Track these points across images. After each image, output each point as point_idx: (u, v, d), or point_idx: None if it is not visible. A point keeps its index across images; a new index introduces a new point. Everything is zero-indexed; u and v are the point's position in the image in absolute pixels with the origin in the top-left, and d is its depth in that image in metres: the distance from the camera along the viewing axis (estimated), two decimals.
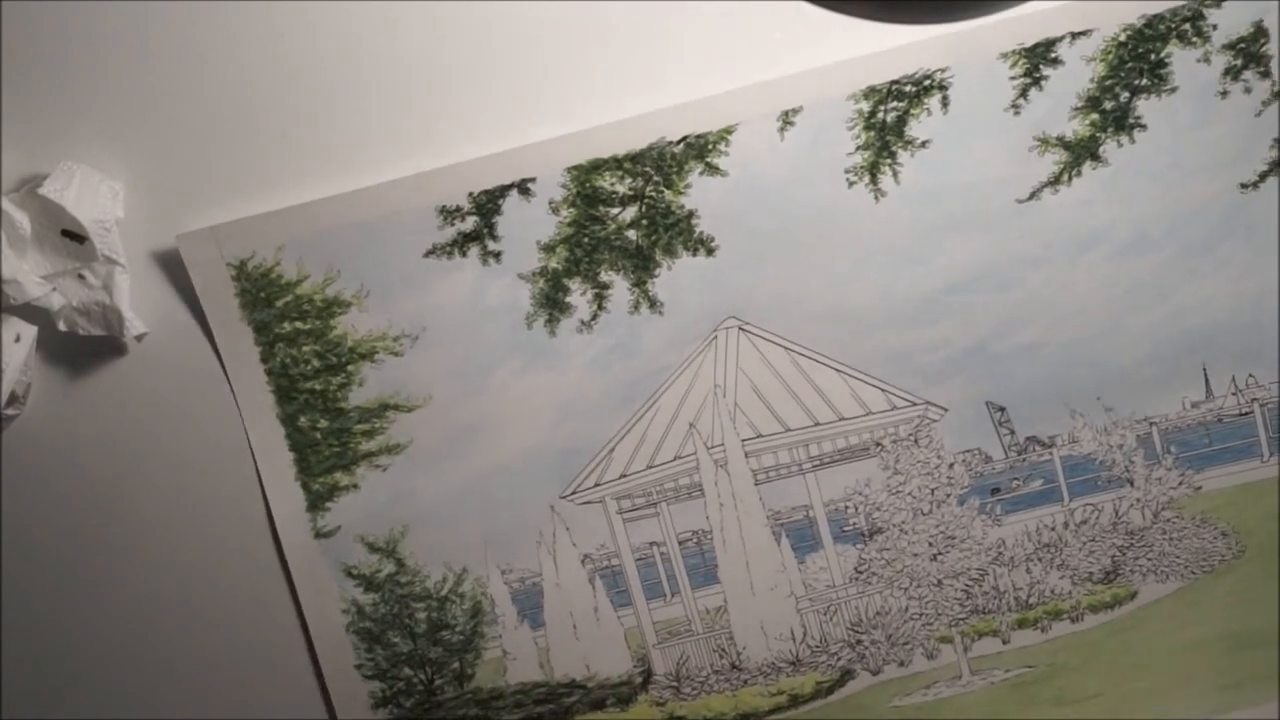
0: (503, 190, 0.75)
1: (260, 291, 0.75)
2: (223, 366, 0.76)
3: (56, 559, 0.79)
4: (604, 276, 0.76)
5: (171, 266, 0.75)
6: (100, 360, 0.76)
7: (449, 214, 0.75)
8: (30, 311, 0.72)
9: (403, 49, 0.73)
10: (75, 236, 0.72)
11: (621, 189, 0.75)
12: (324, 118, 0.74)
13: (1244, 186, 0.77)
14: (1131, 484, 0.81)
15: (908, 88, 0.74)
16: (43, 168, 0.73)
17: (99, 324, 0.73)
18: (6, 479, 0.77)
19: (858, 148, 0.75)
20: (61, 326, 0.73)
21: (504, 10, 0.72)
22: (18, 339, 0.73)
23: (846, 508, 0.81)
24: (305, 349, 0.76)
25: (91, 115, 0.73)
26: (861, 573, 0.82)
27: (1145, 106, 0.75)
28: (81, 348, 0.76)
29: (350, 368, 0.77)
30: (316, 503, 0.79)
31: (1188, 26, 0.74)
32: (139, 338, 0.75)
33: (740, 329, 0.78)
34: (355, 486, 0.79)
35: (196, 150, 0.74)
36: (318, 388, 0.77)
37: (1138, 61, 0.74)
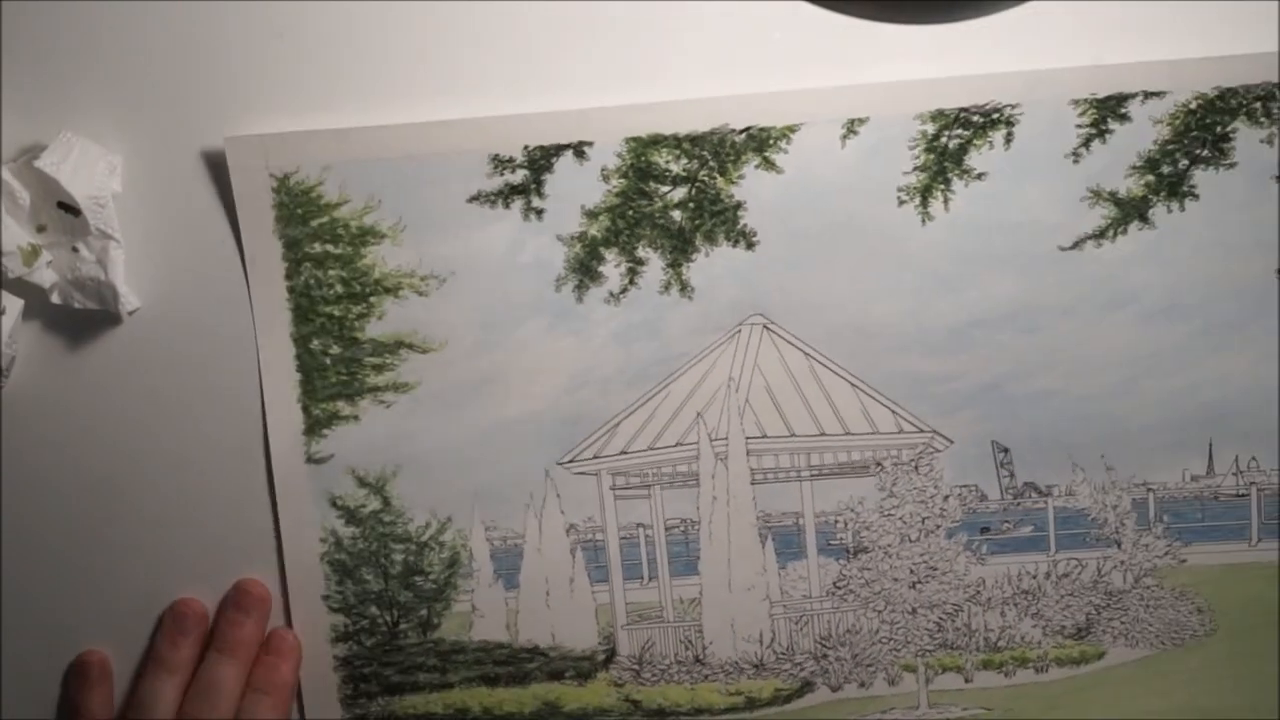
0: (558, 149, 0.74)
1: (298, 208, 0.75)
2: (246, 277, 0.76)
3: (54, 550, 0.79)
4: (641, 252, 0.76)
5: (170, 243, 0.75)
6: (94, 338, 0.76)
7: (501, 163, 0.74)
8: (22, 284, 0.72)
9: None
10: (70, 209, 0.72)
11: (675, 168, 0.75)
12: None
13: None
14: (1119, 545, 0.82)
15: (975, 117, 0.74)
16: (44, 138, 0.72)
17: (93, 298, 0.73)
18: None
19: (915, 168, 0.75)
20: (56, 299, 0.73)
21: None
22: (2, 312, 0.72)
23: (836, 522, 0.81)
24: (331, 273, 0.76)
25: (90, 88, 0.73)
26: (839, 588, 0.82)
27: (1201, 177, 0.76)
28: (76, 327, 0.76)
29: (373, 299, 0.76)
30: (314, 427, 0.78)
31: (1259, 105, 0.74)
32: (132, 313, 0.75)
33: (765, 327, 0.78)
34: (355, 418, 0.78)
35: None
36: (336, 313, 0.77)
37: (1203, 131, 0.75)
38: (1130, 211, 0.76)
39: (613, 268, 0.76)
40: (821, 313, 0.77)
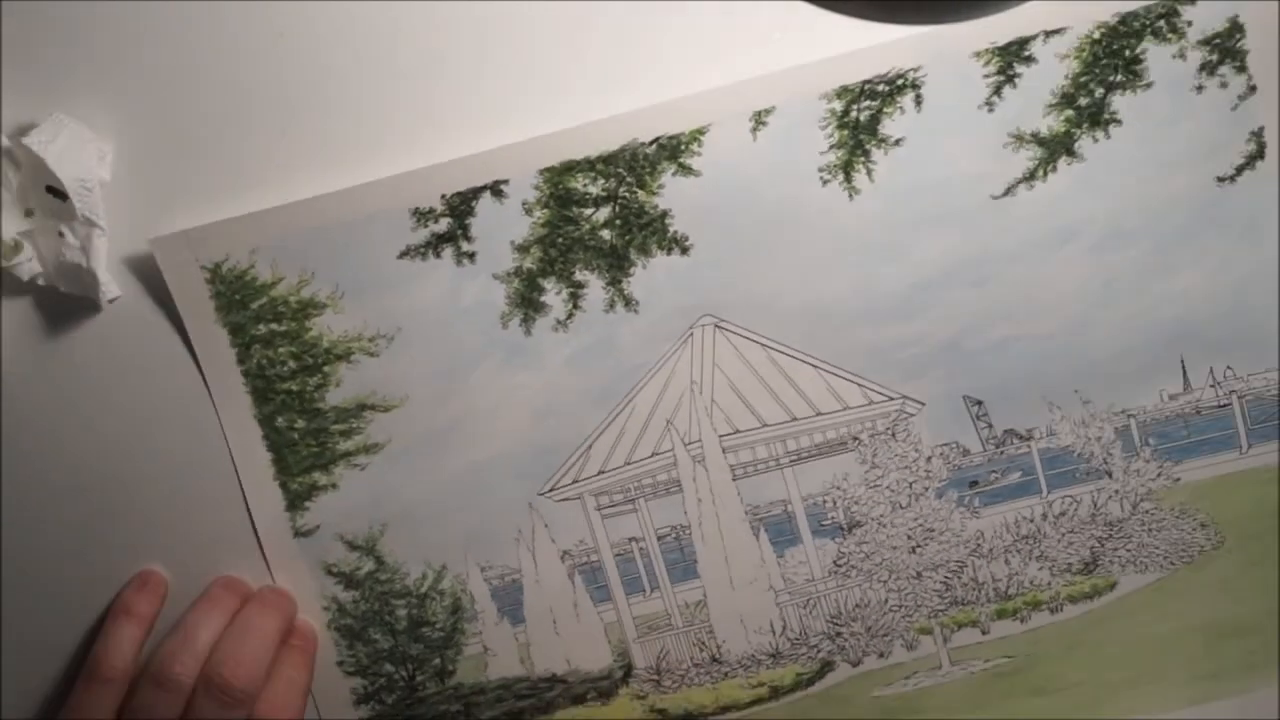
0: (475, 192, 0.74)
1: (235, 294, 0.75)
2: (199, 368, 0.76)
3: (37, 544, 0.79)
4: (579, 276, 0.76)
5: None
6: (73, 336, 0.76)
7: (422, 215, 0.74)
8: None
9: (371, 53, 0.72)
10: (58, 193, 0.71)
11: (594, 190, 0.75)
12: (295, 121, 0.73)
13: (1220, 180, 0.76)
14: (1110, 476, 0.81)
15: (880, 87, 0.73)
16: (38, 120, 0.72)
17: (75, 284, 0.73)
18: None
19: (831, 146, 0.74)
20: (40, 281, 0.73)
21: (473, 13, 0.72)
22: None
23: (825, 502, 0.81)
24: (281, 350, 0.76)
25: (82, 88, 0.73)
26: (840, 566, 0.82)
27: (1120, 102, 0.75)
28: (54, 318, 0.76)
29: (326, 368, 0.77)
30: (295, 502, 0.79)
31: (1162, 23, 0.73)
32: (112, 301, 0.74)
33: (716, 326, 0.78)
34: (334, 486, 0.79)
35: (173, 150, 0.74)
36: (294, 388, 0.77)
37: (1112, 58, 0.74)
38: (1056, 148, 0.75)
39: (554, 295, 0.77)
40: (769, 302, 0.77)
